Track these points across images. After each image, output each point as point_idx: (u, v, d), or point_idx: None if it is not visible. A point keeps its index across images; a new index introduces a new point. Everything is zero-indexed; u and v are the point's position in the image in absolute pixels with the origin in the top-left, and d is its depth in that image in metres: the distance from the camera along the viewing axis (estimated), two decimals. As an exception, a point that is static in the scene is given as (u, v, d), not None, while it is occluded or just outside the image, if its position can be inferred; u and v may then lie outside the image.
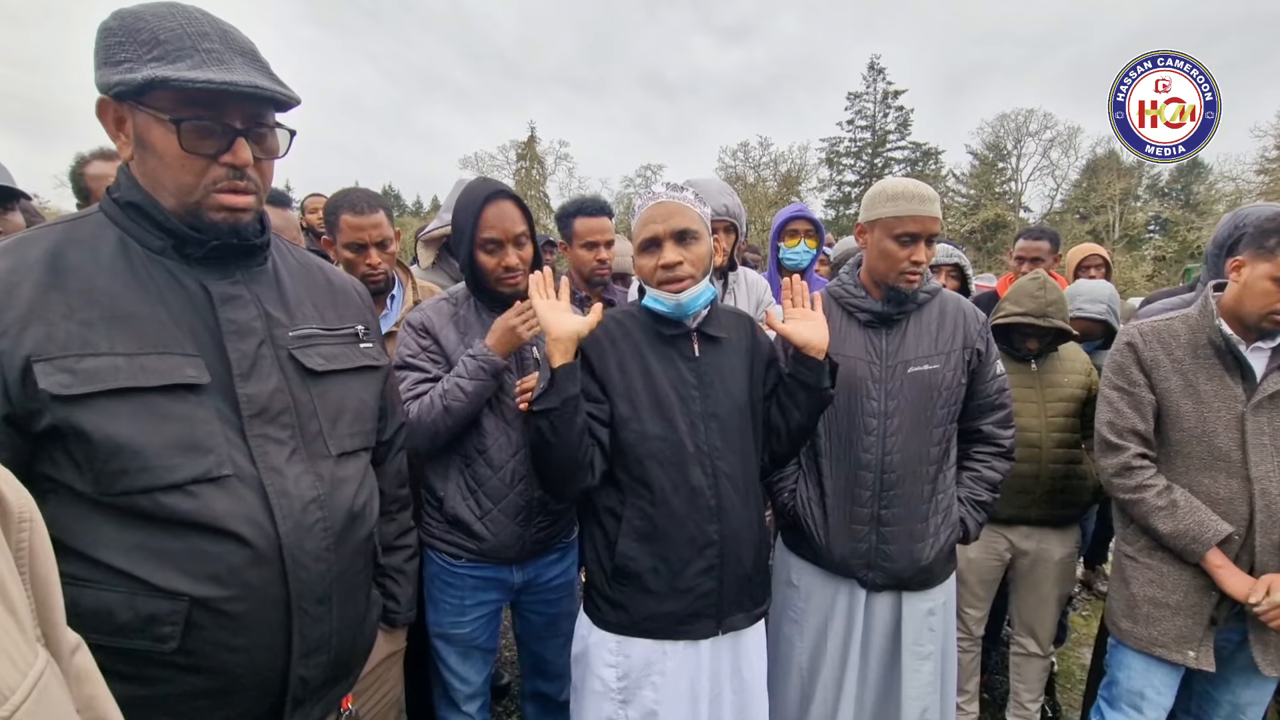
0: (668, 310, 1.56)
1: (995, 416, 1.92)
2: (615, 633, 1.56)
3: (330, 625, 1.12)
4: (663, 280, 1.54)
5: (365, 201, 2.08)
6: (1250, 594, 1.64)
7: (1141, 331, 1.85)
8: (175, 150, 0.98)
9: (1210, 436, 1.74)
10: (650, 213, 1.57)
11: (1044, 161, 40.50)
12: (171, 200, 1.02)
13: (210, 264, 1.07)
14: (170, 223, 1.02)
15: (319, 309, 1.22)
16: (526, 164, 45.53)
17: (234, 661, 1.01)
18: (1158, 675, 1.83)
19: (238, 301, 1.09)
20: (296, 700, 1.09)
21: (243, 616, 1.00)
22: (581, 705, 1.62)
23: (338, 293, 1.30)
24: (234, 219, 1.05)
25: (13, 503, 0.56)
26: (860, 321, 1.88)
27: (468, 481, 1.78)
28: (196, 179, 1.01)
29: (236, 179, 1.03)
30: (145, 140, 0.99)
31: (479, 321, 1.83)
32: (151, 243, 1.03)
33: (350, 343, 1.25)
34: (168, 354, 0.99)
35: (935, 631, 1.87)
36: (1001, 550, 2.46)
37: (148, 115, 0.97)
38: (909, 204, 1.75)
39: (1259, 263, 1.66)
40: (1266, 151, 31.72)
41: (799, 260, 3.02)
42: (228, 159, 1.01)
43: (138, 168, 1.03)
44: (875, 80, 43.18)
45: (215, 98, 0.97)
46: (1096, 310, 2.76)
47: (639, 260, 1.59)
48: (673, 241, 1.54)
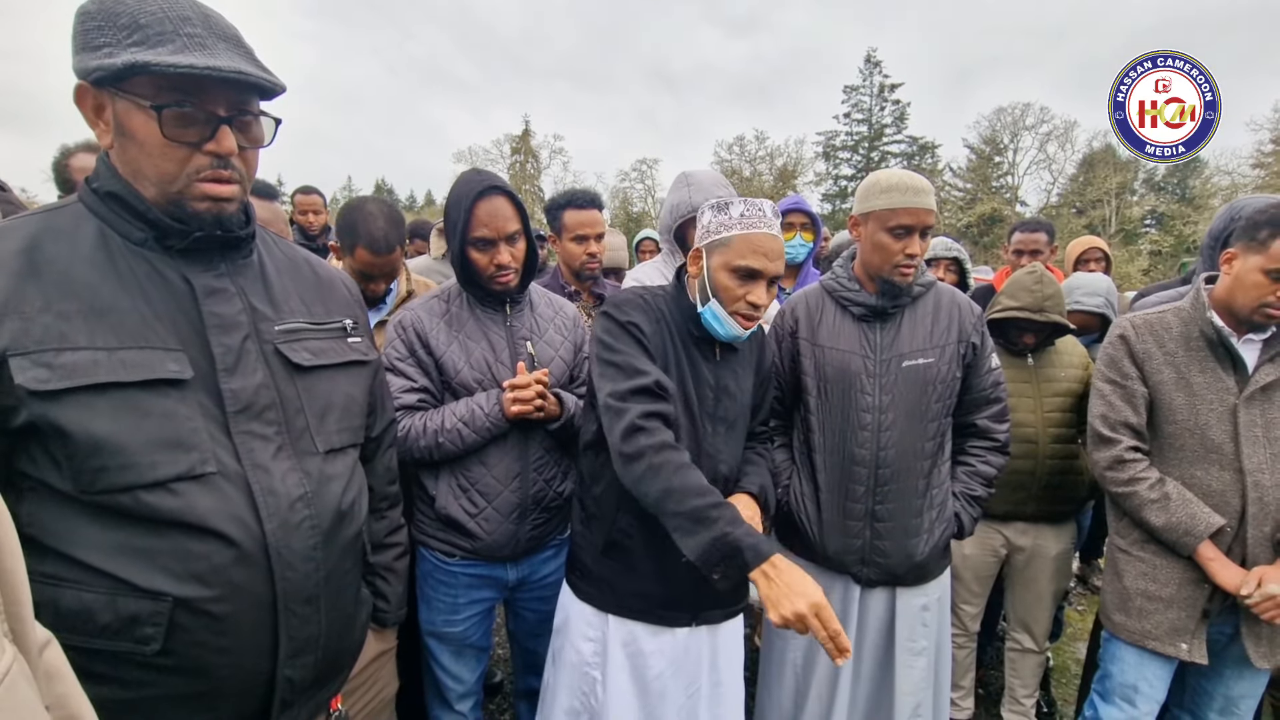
0: (724, 334, 1.54)
1: (990, 411, 1.91)
2: (596, 607, 1.58)
3: (318, 626, 1.10)
4: (744, 314, 1.49)
5: (385, 240, 1.98)
6: (1242, 586, 1.65)
7: (1134, 324, 1.85)
8: (157, 138, 0.95)
9: (1203, 429, 1.74)
10: (762, 242, 1.47)
11: (1040, 156, 40.60)
12: (153, 190, 0.99)
13: (193, 256, 1.05)
14: (151, 213, 1.00)
15: (306, 302, 1.20)
16: (521, 158, 45.43)
17: (219, 664, 0.99)
18: (1151, 668, 1.83)
19: (222, 295, 1.06)
20: (284, 703, 1.08)
21: (228, 617, 0.98)
22: (558, 675, 1.64)
23: (325, 286, 1.27)
24: (218, 209, 1.03)
25: None
26: (854, 315, 1.87)
27: (460, 480, 1.77)
28: (179, 168, 0.98)
29: (220, 168, 1.00)
30: (125, 128, 0.96)
31: (472, 318, 1.81)
32: (132, 234, 1.00)
33: (338, 337, 1.23)
34: (149, 348, 0.97)
35: (929, 627, 1.87)
36: (997, 546, 2.45)
37: (128, 102, 0.94)
38: (903, 196, 1.74)
39: (1250, 255, 1.66)
40: (1262, 145, 31.82)
41: (795, 254, 3.00)
42: (211, 147, 0.98)
43: (118, 156, 1.00)
44: (872, 73, 43.12)
45: (198, 84, 0.95)
46: (1094, 304, 2.76)
47: (728, 281, 1.48)
48: (768, 284, 1.50)
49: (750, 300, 1.48)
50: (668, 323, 1.57)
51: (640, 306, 1.55)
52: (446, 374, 1.77)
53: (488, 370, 1.79)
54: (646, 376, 1.45)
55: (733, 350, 1.64)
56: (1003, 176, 41.19)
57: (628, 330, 1.50)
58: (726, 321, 1.50)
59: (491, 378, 1.79)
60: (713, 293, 1.50)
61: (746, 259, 1.46)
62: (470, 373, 1.78)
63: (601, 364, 1.50)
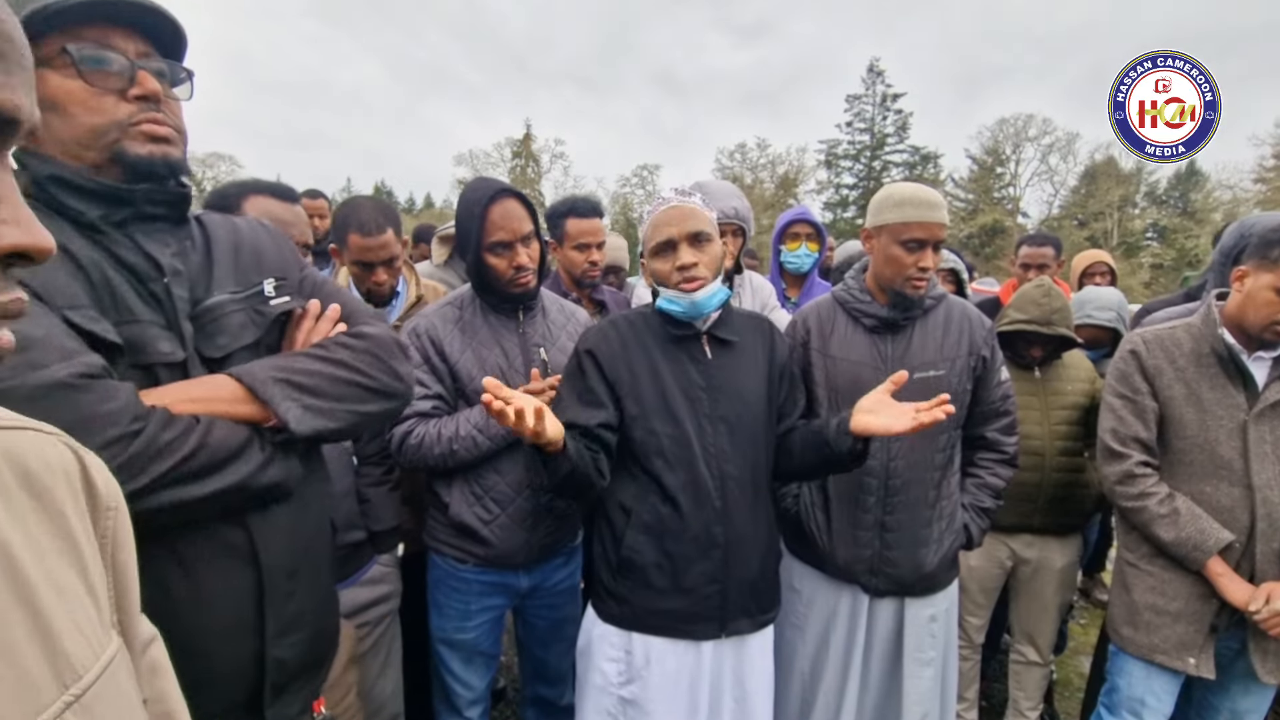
0: (681, 310, 1.58)
1: (999, 423, 1.92)
2: (618, 626, 1.58)
3: (301, 602, 1.10)
4: (679, 281, 1.56)
5: (374, 221, 2.01)
6: (1251, 602, 1.65)
7: (1145, 339, 1.86)
8: (79, 90, 0.91)
9: (1212, 445, 1.75)
10: (663, 216, 1.60)
11: (1042, 167, 40.73)
12: (91, 154, 0.94)
13: (149, 233, 1.00)
14: (93, 183, 0.94)
15: (236, 272, 1.12)
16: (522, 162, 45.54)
17: (205, 645, 0.98)
18: (1158, 682, 1.84)
19: (180, 278, 1.02)
20: (275, 687, 1.07)
21: (209, 597, 0.98)
22: (583, 699, 1.64)
23: (257, 251, 1.17)
24: (163, 152, 0.97)
25: (102, 490, 0.57)
26: (866, 327, 1.88)
27: (474, 487, 1.78)
28: (108, 119, 0.93)
29: (151, 109, 0.96)
30: (46, 98, 0.89)
31: (485, 325, 1.83)
32: (84, 215, 0.95)
33: (258, 303, 1.12)
34: (143, 323, 0.97)
35: (937, 638, 1.88)
36: (1003, 558, 2.46)
37: (40, 72, 0.88)
38: (916, 210, 1.75)
39: (1262, 273, 1.67)
40: (1264, 160, 31.95)
41: (800, 263, 3.03)
42: (135, 91, 0.95)
43: (46, 144, 0.94)
44: (874, 83, 43.28)
45: (103, 32, 0.92)
46: (1105, 318, 2.77)
47: (654, 265, 1.61)
48: (687, 244, 1.56)
49: (678, 266, 1.56)
50: (642, 336, 1.62)
51: (603, 332, 1.64)
52: (460, 381, 1.79)
53: (501, 377, 1.79)
54: (562, 415, 1.48)
55: (725, 345, 1.65)
56: (1004, 187, 41.31)
57: (580, 360, 1.61)
58: (674, 297, 1.58)
59: (505, 385, 1.79)
60: (658, 283, 1.62)
61: (656, 237, 1.59)
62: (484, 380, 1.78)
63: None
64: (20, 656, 0.45)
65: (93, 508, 0.56)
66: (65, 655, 0.48)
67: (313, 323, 1.16)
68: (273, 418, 1.00)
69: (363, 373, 1.12)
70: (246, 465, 0.97)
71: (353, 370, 1.11)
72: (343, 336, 1.16)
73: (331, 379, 1.08)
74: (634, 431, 1.56)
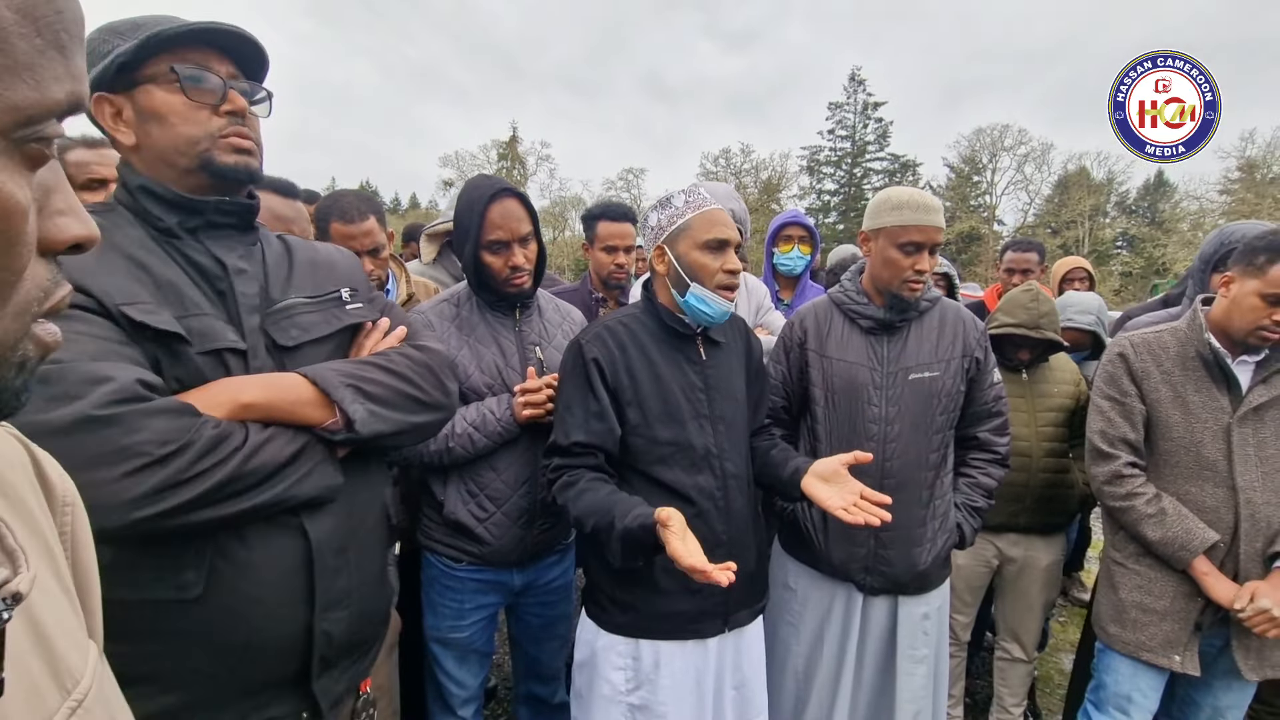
0: (712, 314, 1.56)
1: (992, 424, 1.95)
2: (624, 635, 1.56)
3: (349, 579, 1.13)
4: (724, 285, 1.54)
5: (355, 208, 2.00)
6: (1235, 600, 1.69)
7: (1133, 343, 1.90)
8: (180, 104, 1.03)
9: (1198, 446, 1.79)
10: (719, 215, 1.57)
11: (1018, 176, 41.56)
12: (184, 159, 1.05)
13: (216, 239, 1.11)
14: (175, 196, 1.06)
15: (304, 282, 1.22)
16: (508, 164, 45.32)
17: (256, 613, 1.01)
18: (1144, 679, 1.88)
19: (246, 276, 1.12)
20: (324, 661, 1.10)
21: (262, 565, 1.02)
22: (590, 711, 1.61)
23: (323, 265, 1.28)
24: (245, 162, 1.09)
25: (57, 486, 0.53)
26: (862, 328, 1.90)
27: (469, 485, 1.76)
28: (201, 130, 1.05)
29: (238, 124, 1.08)
30: (148, 110, 1.03)
31: (483, 323, 1.81)
32: (160, 222, 1.06)
33: (335, 305, 1.23)
34: (207, 316, 1.05)
35: (930, 635, 1.90)
36: (990, 557, 2.50)
37: (148, 86, 1.02)
38: (914, 214, 1.77)
39: (1248, 279, 1.72)
40: (1229, 172, 32.84)
41: (793, 266, 3.05)
42: (226, 107, 1.07)
43: (140, 153, 1.06)
44: (856, 91, 43.82)
45: (203, 55, 1.04)
46: (1086, 321, 2.83)
47: (702, 259, 1.54)
48: (733, 250, 1.56)
49: (727, 269, 1.54)
50: (639, 339, 1.60)
51: (600, 339, 1.58)
52: (457, 378, 1.77)
53: (498, 375, 1.79)
54: (565, 437, 1.53)
55: (716, 345, 1.66)
56: (981, 195, 42.07)
57: (585, 369, 1.55)
58: (711, 299, 1.54)
59: (502, 382, 1.78)
60: (689, 277, 1.55)
61: (713, 232, 1.54)
62: (481, 377, 1.77)
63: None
64: (27, 666, 0.43)
65: (50, 505, 0.52)
66: (63, 661, 0.46)
67: (380, 336, 1.26)
68: (330, 421, 1.08)
69: (418, 385, 1.21)
70: (284, 482, 1.02)
71: (408, 382, 1.19)
72: (404, 347, 1.26)
73: (393, 389, 1.17)
74: (635, 440, 1.55)
